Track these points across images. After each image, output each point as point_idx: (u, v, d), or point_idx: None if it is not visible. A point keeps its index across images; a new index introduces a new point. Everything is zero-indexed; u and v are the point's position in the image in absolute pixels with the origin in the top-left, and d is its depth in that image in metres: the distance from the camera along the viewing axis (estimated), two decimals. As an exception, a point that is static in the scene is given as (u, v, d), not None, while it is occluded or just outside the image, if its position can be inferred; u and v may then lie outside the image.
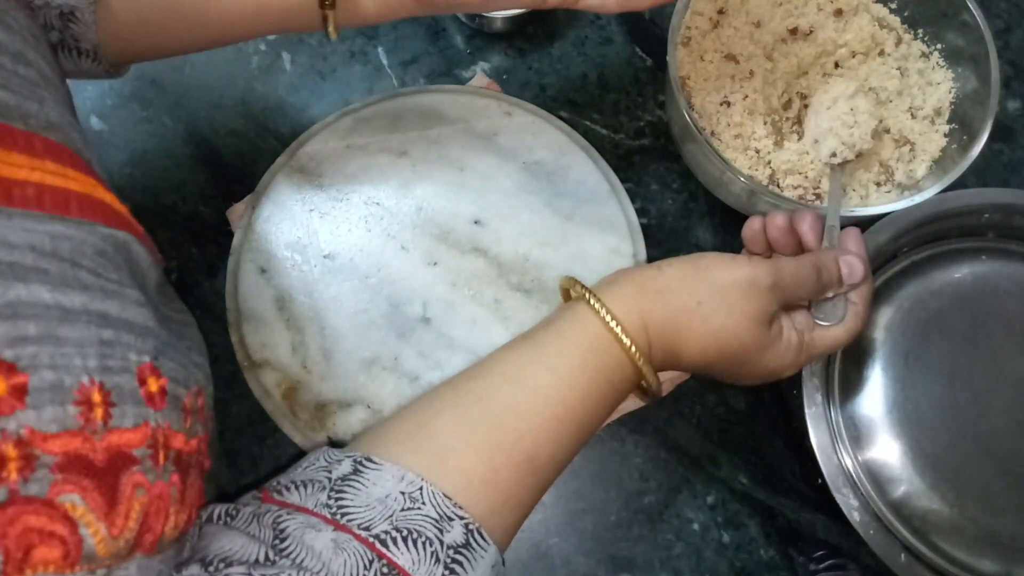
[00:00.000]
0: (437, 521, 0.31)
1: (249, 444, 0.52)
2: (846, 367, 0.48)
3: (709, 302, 0.38)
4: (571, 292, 0.40)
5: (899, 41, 0.57)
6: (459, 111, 0.55)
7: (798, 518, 0.52)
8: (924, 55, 0.56)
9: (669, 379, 0.51)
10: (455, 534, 0.31)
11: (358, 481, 0.31)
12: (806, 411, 0.45)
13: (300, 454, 0.47)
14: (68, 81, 0.44)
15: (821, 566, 0.48)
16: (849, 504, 0.44)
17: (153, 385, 0.29)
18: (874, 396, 0.47)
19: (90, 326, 0.27)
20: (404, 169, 0.54)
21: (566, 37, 0.63)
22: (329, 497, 0.31)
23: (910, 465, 0.46)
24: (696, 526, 0.51)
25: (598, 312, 0.37)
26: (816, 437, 0.45)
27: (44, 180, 0.28)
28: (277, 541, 0.29)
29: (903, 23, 0.58)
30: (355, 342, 0.49)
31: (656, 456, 0.52)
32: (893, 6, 0.58)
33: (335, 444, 0.46)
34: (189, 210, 0.58)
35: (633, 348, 0.36)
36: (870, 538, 0.43)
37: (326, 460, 0.33)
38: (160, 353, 0.31)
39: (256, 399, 0.48)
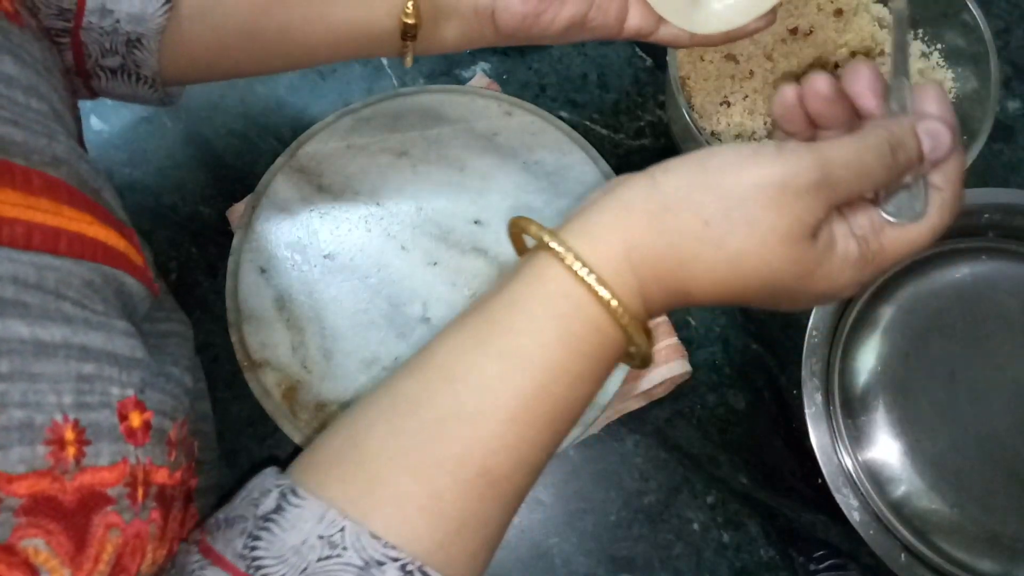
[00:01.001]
0: (363, 569, 0.26)
1: (249, 444, 0.52)
2: (846, 367, 0.48)
3: (722, 221, 0.28)
4: (524, 238, 0.31)
5: (899, 41, 0.57)
6: (459, 111, 0.55)
7: (798, 518, 0.52)
8: (924, 55, 0.56)
9: (669, 379, 0.51)
10: None
11: (276, 524, 0.27)
12: (806, 411, 0.45)
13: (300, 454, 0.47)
14: (89, 99, 0.44)
15: (821, 566, 0.48)
16: (849, 504, 0.44)
17: (136, 420, 0.28)
18: (874, 396, 0.47)
19: (69, 360, 0.26)
20: (404, 169, 0.54)
21: (566, 37, 0.63)
22: (245, 546, 0.27)
23: (910, 465, 0.46)
24: (696, 526, 0.51)
25: (560, 257, 0.28)
26: (816, 437, 0.45)
27: (35, 219, 0.27)
28: None
29: (903, 23, 0.58)
30: (355, 342, 0.49)
31: (656, 456, 0.52)
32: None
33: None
34: (189, 210, 0.58)
35: (614, 302, 0.28)
36: (870, 538, 0.43)
37: (259, 491, 0.29)
38: (147, 385, 0.29)
39: (256, 399, 0.48)
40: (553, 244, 0.28)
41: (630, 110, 0.61)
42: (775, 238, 0.28)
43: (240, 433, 0.52)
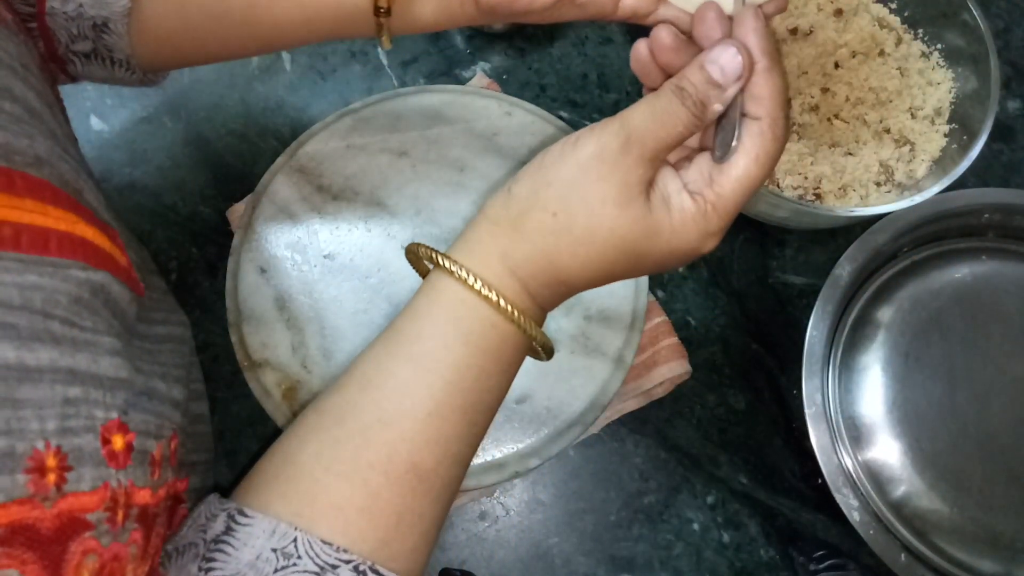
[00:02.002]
0: (318, 574, 0.27)
1: (249, 444, 0.52)
2: (846, 367, 0.48)
3: (563, 208, 0.31)
4: (420, 261, 0.34)
5: (899, 41, 0.57)
6: (459, 111, 0.55)
7: (798, 518, 0.52)
8: (924, 55, 0.56)
9: (669, 379, 0.51)
10: None
11: (228, 544, 0.28)
12: (806, 411, 0.45)
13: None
14: (69, 84, 0.44)
15: (821, 566, 0.48)
16: (849, 504, 0.44)
17: (119, 442, 0.28)
18: (874, 396, 0.47)
19: (55, 385, 0.25)
20: (404, 169, 0.54)
21: (566, 37, 0.63)
22: (200, 568, 0.28)
23: (910, 465, 0.46)
24: (696, 526, 0.51)
25: (451, 272, 0.31)
26: (816, 437, 0.45)
27: (22, 219, 0.27)
28: None
29: (903, 23, 0.58)
30: (355, 342, 0.49)
31: (656, 456, 0.52)
32: (893, 6, 0.58)
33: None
34: (189, 210, 0.58)
35: (502, 302, 0.31)
36: (870, 538, 0.43)
37: (205, 517, 0.30)
38: (130, 406, 0.29)
39: (256, 399, 0.48)
40: (443, 262, 0.32)
41: (630, 110, 0.61)
42: (610, 205, 0.30)
43: (240, 433, 0.52)
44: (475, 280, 0.31)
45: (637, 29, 0.64)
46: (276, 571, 0.27)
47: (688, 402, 0.54)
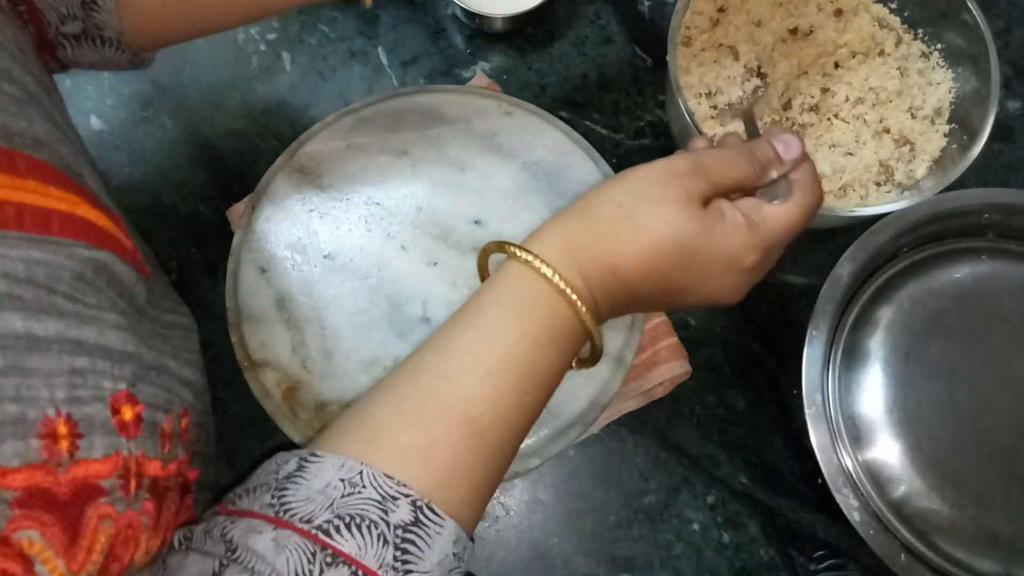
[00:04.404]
0: (380, 502, 0.30)
1: (249, 444, 0.52)
2: (846, 367, 0.48)
3: (628, 199, 0.36)
4: (485, 261, 0.39)
5: (899, 41, 0.57)
6: (459, 111, 0.55)
7: (798, 518, 0.52)
8: (924, 55, 0.56)
9: (669, 379, 0.51)
10: (401, 513, 0.30)
11: (301, 476, 0.31)
12: (806, 411, 0.45)
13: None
14: (67, 80, 0.44)
15: (821, 566, 0.48)
16: (849, 504, 0.44)
17: (128, 413, 0.29)
18: (874, 396, 0.47)
19: (62, 355, 0.27)
20: (404, 169, 0.54)
21: (566, 37, 0.63)
22: (273, 497, 0.30)
23: (910, 465, 0.46)
24: (696, 526, 0.51)
25: (515, 255, 0.35)
26: (816, 437, 0.45)
27: (25, 200, 0.28)
28: (228, 551, 0.28)
29: (903, 23, 0.58)
30: (355, 342, 0.49)
31: (656, 456, 0.52)
32: (893, 6, 0.58)
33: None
34: (189, 210, 0.58)
35: (555, 277, 0.34)
36: (870, 538, 0.43)
37: (276, 463, 0.33)
38: (139, 379, 0.30)
39: (256, 399, 0.48)
40: (508, 247, 0.36)
41: (630, 110, 0.61)
42: (671, 202, 0.35)
43: (240, 433, 0.52)
44: (533, 258, 0.35)
45: (638, 31, 0.65)
46: (343, 496, 0.30)
47: (688, 402, 0.54)
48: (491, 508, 0.51)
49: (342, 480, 0.30)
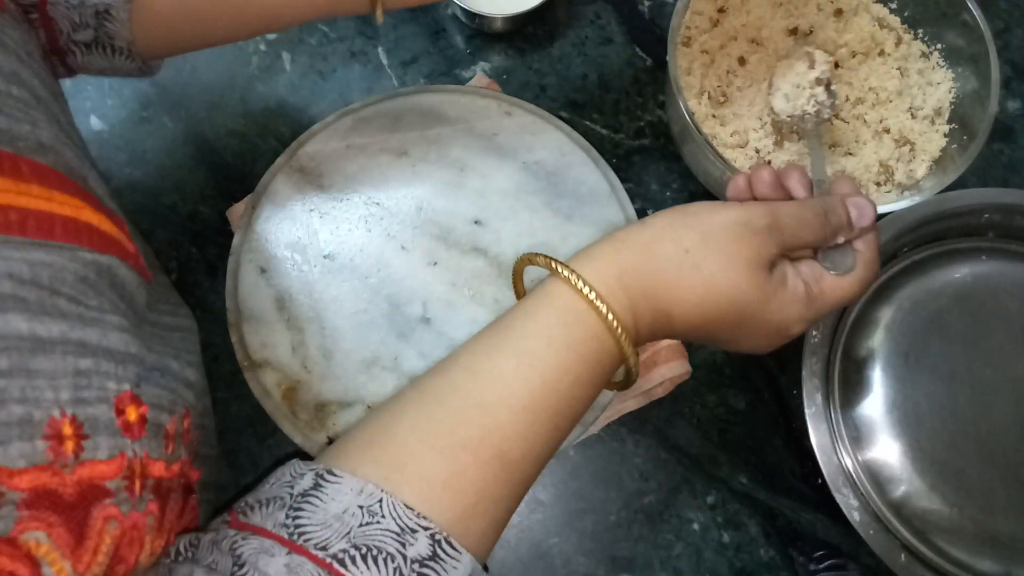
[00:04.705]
0: (399, 535, 0.28)
1: (249, 444, 0.52)
2: (846, 367, 0.48)
3: (699, 248, 0.34)
4: (520, 275, 0.37)
5: (899, 41, 0.57)
6: (459, 111, 0.55)
7: (798, 518, 0.52)
8: (924, 55, 0.56)
9: (669, 379, 0.51)
10: (419, 547, 0.29)
11: (317, 497, 0.29)
12: (806, 411, 0.45)
13: (300, 454, 0.47)
14: (67, 81, 0.44)
15: (821, 566, 0.48)
16: (849, 504, 0.44)
17: (132, 414, 0.29)
18: (874, 396, 0.47)
19: (66, 356, 0.27)
20: (404, 169, 0.54)
21: (566, 37, 0.63)
22: (287, 516, 0.29)
23: (910, 465, 0.46)
24: (696, 526, 0.51)
25: (566, 279, 0.33)
26: (816, 437, 0.45)
27: (29, 205, 0.28)
28: (235, 568, 0.27)
29: (903, 23, 0.58)
30: (355, 342, 0.49)
31: (656, 456, 0.52)
32: (893, 6, 0.58)
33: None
34: (189, 210, 0.58)
35: (610, 315, 0.33)
36: (870, 538, 0.43)
37: (291, 475, 0.31)
38: (143, 380, 0.30)
39: (256, 399, 0.48)
40: (560, 269, 0.34)
41: (630, 110, 0.61)
42: (741, 263, 0.34)
43: (240, 433, 0.52)
44: (589, 290, 0.33)
45: (638, 31, 0.65)
46: (360, 525, 0.28)
47: (688, 402, 0.54)
48: (491, 508, 0.51)
49: (360, 507, 0.29)
